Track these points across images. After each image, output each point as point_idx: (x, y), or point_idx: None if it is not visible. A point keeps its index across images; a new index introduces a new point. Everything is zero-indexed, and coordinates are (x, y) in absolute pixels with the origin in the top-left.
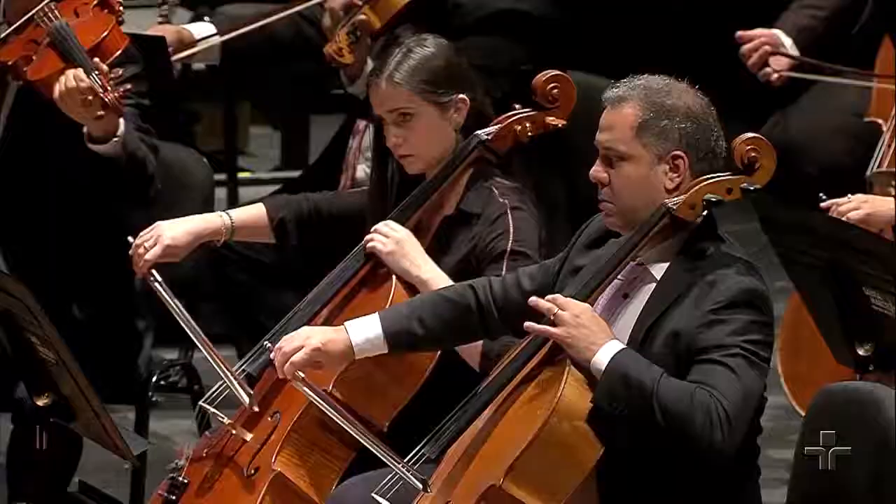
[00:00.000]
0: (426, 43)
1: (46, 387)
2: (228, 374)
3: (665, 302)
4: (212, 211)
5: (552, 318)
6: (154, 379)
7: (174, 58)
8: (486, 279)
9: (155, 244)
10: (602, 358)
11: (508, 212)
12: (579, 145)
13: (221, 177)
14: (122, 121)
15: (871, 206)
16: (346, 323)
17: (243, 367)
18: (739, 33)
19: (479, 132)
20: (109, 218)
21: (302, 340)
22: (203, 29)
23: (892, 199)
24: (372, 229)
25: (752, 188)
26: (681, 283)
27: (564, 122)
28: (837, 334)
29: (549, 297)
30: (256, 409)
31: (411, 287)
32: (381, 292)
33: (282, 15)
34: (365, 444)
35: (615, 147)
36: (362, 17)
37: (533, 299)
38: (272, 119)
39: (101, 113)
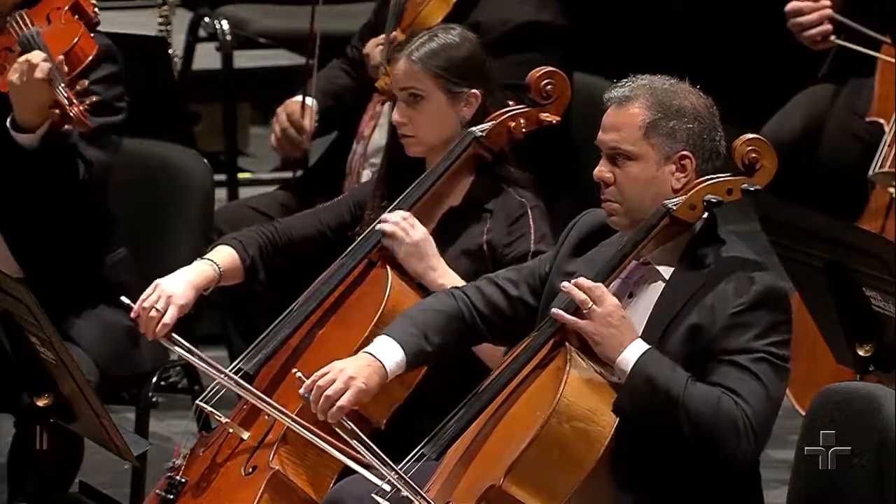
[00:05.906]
0: (453, 32)
1: (46, 387)
2: (277, 412)
3: (680, 299)
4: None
5: (585, 311)
6: (154, 379)
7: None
8: (460, 291)
9: (167, 306)
10: (629, 357)
11: (528, 211)
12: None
13: (221, 177)
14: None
15: None
16: (369, 350)
17: (239, 366)
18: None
19: (473, 129)
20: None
21: (344, 381)
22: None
23: None
24: (384, 218)
25: (752, 189)
26: (694, 281)
27: (559, 119)
28: (837, 334)
29: (587, 285)
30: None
31: (406, 284)
32: (377, 290)
33: None
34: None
35: (622, 147)
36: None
37: (567, 286)
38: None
39: (67, 126)
